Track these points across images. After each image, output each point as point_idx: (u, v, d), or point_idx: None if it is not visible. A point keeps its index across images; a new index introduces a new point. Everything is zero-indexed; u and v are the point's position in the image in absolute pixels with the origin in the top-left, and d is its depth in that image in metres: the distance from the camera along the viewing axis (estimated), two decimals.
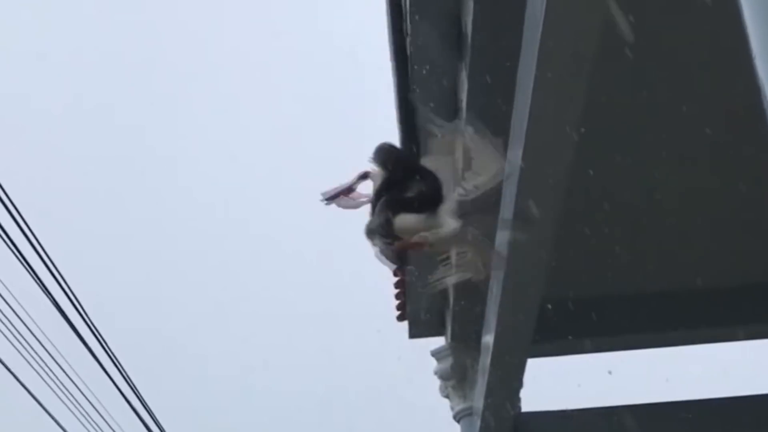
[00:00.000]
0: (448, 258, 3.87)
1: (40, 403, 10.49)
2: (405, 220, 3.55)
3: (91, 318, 9.33)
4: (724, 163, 4.27)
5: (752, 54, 1.49)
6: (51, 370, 10.34)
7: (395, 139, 4.24)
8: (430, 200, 3.60)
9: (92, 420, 11.53)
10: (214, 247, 42.83)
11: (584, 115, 3.03)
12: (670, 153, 4.16)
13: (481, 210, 3.57)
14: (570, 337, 5.19)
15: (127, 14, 47.14)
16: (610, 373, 5.46)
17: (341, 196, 3.88)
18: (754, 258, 4.82)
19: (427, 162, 3.87)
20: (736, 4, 1.53)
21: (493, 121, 3.63)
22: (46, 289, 8.24)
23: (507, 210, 3.46)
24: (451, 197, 3.62)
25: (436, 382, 5.65)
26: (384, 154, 3.78)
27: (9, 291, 9.14)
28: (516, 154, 3.21)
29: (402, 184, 3.66)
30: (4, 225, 7.44)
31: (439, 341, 5.71)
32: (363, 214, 3.82)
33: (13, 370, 9.64)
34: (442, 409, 5.77)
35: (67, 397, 10.85)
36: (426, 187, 3.64)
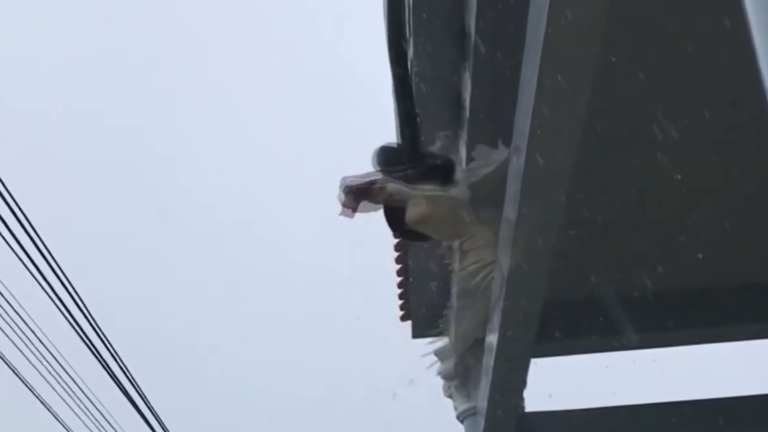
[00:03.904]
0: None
1: (43, 402, 10.50)
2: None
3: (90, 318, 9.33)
4: (725, 163, 4.29)
5: (755, 53, 1.50)
6: (54, 370, 10.35)
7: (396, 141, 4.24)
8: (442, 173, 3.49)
9: (95, 419, 11.54)
10: (214, 247, 42.80)
11: (587, 115, 3.05)
12: (670, 152, 4.17)
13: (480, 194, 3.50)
14: (573, 337, 5.20)
15: (127, 14, 47.11)
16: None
17: (361, 199, 3.76)
18: (754, 258, 4.83)
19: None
20: (739, 4, 1.54)
21: (496, 121, 3.65)
22: (52, 289, 8.25)
23: (510, 209, 3.47)
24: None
25: (439, 383, 5.65)
26: (385, 153, 3.72)
27: (10, 292, 9.15)
28: (519, 153, 3.23)
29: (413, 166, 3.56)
30: (4, 226, 7.45)
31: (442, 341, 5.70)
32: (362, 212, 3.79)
33: (15, 368, 9.65)
34: (444, 409, 5.77)
35: (70, 396, 10.87)
36: (441, 162, 3.54)
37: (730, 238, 4.69)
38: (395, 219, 3.45)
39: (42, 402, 10.53)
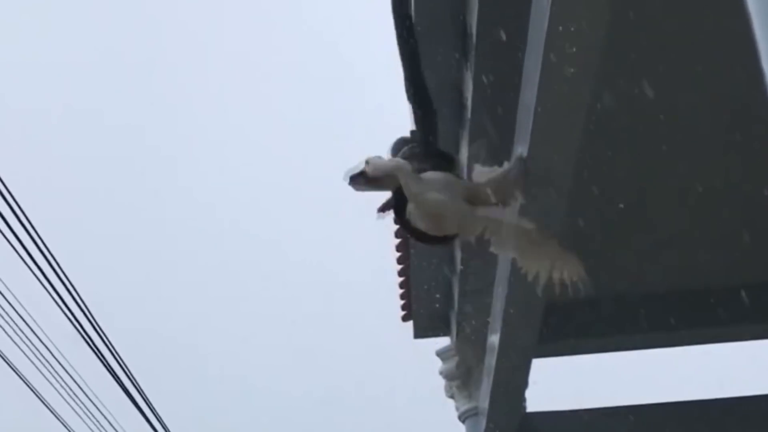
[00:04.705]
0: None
1: (44, 401, 10.51)
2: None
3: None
4: (725, 163, 4.29)
5: (757, 54, 1.51)
6: (55, 370, 10.36)
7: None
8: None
9: (96, 419, 11.55)
10: (214, 247, 42.80)
11: (588, 115, 3.06)
12: (670, 153, 4.18)
13: None
14: (574, 338, 5.21)
15: (127, 14, 47.12)
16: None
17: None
18: (754, 258, 4.83)
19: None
20: (742, 4, 1.54)
21: (498, 121, 3.65)
22: (54, 289, 8.25)
23: (511, 209, 3.48)
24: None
25: (441, 383, 5.66)
26: (401, 141, 3.71)
27: (10, 291, 9.16)
28: (521, 152, 3.24)
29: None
30: (6, 227, 7.46)
31: (444, 341, 5.72)
32: (364, 213, 3.77)
33: (16, 368, 9.66)
34: (446, 409, 5.78)
35: (71, 396, 10.88)
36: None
37: (730, 238, 4.69)
38: (406, 220, 3.42)
39: (43, 402, 10.54)
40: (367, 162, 3.31)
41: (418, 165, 3.44)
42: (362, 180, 3.30)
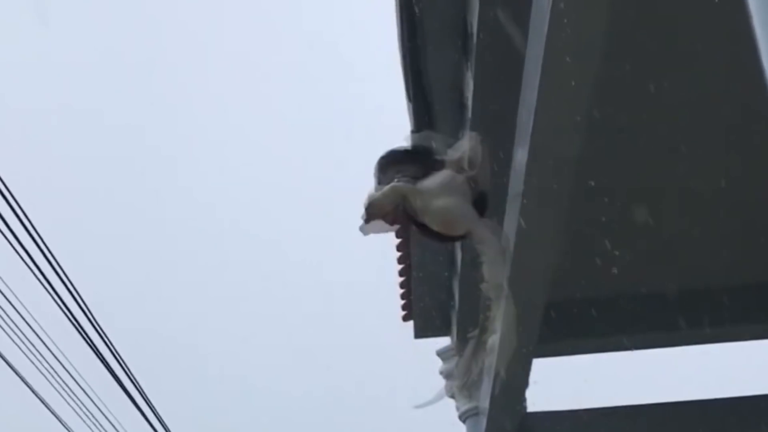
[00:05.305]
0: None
1: (44, 401, 10.51)
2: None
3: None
4: (725, 163, 4.29)
5: (758, 54, 1.51)
6: (55, 370, 10.36)
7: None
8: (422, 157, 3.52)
9: (96, 419, 11.56)
10: (214, 247, 42.79)
11: (589, 115, 3.06)
12: (671, 153, 4.18)
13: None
14: (574, 337, 5.21)
15: (127, 14, 47.11)
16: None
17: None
18: (754, 258, 4.84)
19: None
20: (742, 3, 1.55)
21: (498, 120, 3.65)
22: (53, 289, 8.25)
23: (512, 205, 3.48)
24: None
25: (441, 382, 5.65)
26: (390, 154, 3.72)
27: (11, 290, 9.16)
28: (521, 152, 3.24)
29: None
30: (6, 227, 7.45)
31: (444, 341, 5.72)
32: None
33: (16, 368, 9.66)
34: (447, 409, 5.78)
35: (71, 396, 10.88)
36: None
37: (730, 238, 4.70)
38: (421, 224, 3.43)
39: (43, 402, 10.54)
40: (366, 208, 3.35)
41: (406, 167, 3.46)
42: (374, 220, 3.35)
